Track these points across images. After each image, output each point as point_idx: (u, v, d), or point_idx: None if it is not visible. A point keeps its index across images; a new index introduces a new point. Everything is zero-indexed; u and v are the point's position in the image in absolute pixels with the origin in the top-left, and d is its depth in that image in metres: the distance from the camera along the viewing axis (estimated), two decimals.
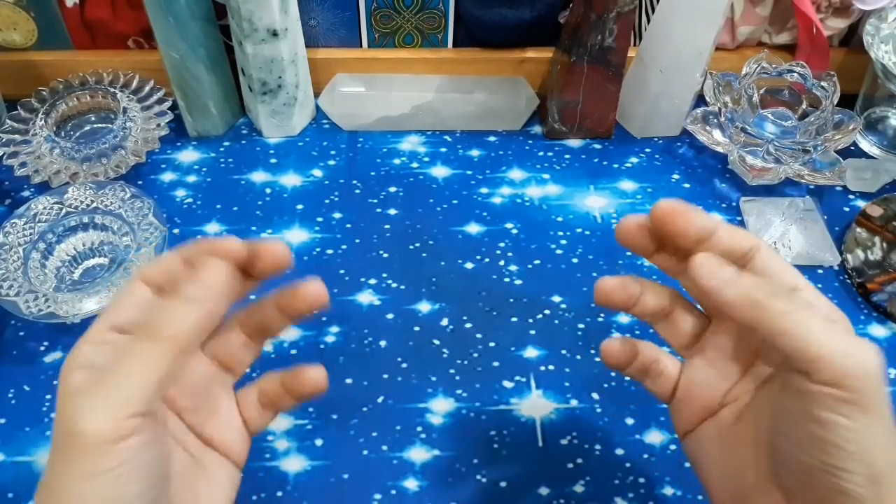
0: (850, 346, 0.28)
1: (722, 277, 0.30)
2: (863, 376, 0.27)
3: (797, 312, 0.28)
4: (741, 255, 0.31)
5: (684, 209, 0.31)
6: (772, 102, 0.59)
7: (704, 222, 0.31)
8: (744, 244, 0.31)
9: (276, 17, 0.54)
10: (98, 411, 0.26)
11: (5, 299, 0.46)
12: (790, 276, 0.31)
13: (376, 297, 0.51)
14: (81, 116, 0.58)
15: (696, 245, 0.31)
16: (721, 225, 0.32)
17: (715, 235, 0.31)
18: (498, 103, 0.62)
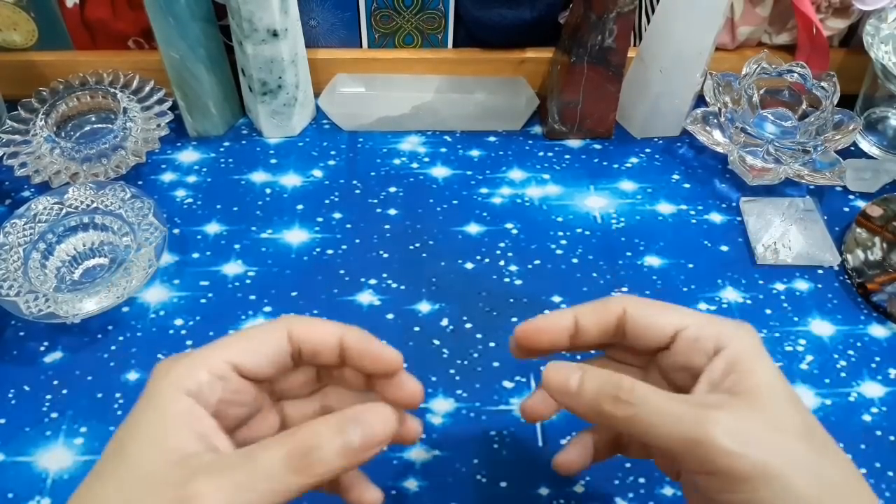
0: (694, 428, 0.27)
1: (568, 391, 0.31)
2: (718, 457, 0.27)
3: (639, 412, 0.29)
4: (614, 327, 0.33)
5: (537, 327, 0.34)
6: (772, 103, 0.59)
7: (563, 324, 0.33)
8: (608, 317, 0.33)
9: (276, 17, 0.54)
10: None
11: (5, 299, 0.46)
12: (664, 326, 0.32)
13: (376, 298, 0.51)
14: (82, 117, 0.59)
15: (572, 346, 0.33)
16: (578, 313, 0.33)
17: (580, 327, 0.33)
18: (498, 103, 0.62)
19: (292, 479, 0.26)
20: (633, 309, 0.32)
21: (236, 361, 0.30)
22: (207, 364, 0.29)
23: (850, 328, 0.50)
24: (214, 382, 0.29)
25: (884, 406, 0.46)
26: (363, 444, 0.27)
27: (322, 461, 0.27)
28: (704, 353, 0.31)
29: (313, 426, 0.28)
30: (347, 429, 0.27)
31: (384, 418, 0.28)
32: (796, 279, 0.53)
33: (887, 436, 0.45)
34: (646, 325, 0.32)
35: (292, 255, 0.53)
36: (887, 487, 0.43)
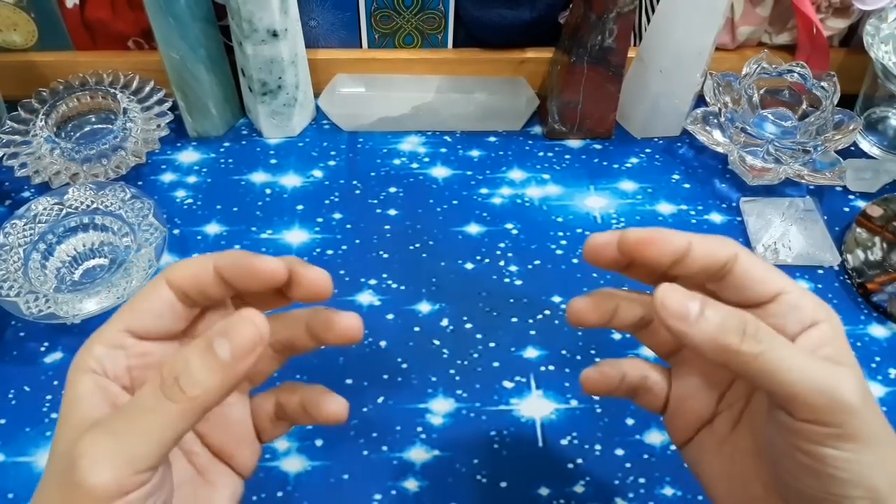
0: (826, 380, 0.27)
1: (686, 317, 0.29)
2: (842, 410, 0.27)
3: (769, 353, 0.28)
4: (719, 268, 0.31)
5: (651, 237, 0.31)
6: (772, 103, 0.59)
7: (675, 246, 0.30)
8: (719, 257, 0.30)
9: (276, 17, 0.54)
10: (107, 467, 0.25)
11: (5, 300, 0.46)
12: (771, 283, 0.30)
13: (376, 298, 0.51)
14: (82, 117, 0.59)
15: (671, 266, 0.31)
16: (694, 242, 0.31)
17: (689, 256, 0.31)
18: (498, 103, 0.62)
19: (170, 409, 0.25)
20: (746, 257, 0.31)
21: (128, 326, 0.29)
22: (100, 339, 0.28)
23: (850, 328, 0.50)
24: (113, 353, 0.28)
25: (884, 406, 0.46)
26: (235, 354, 0.26)
27: (195, 382, 0.26)
28: (800, 322, 0.30)
29: (181, 351, 0.27)
30: (214, 344, 0.26)
31: (249, 321, 0.27)
32: (796, 279, 0.53)
33: None
34: (756, 277, 0.30)
35: (292, 255, 0.53)
36: None
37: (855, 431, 0.27)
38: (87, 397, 0.27)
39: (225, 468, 0.32)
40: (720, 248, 0.31)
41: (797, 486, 0.29)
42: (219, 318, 0.32)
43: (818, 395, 0.27)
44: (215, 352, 0.26)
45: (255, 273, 0.29)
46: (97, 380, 0.28)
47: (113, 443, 0.25)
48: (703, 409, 0.33)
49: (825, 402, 0.27)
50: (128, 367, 0.29)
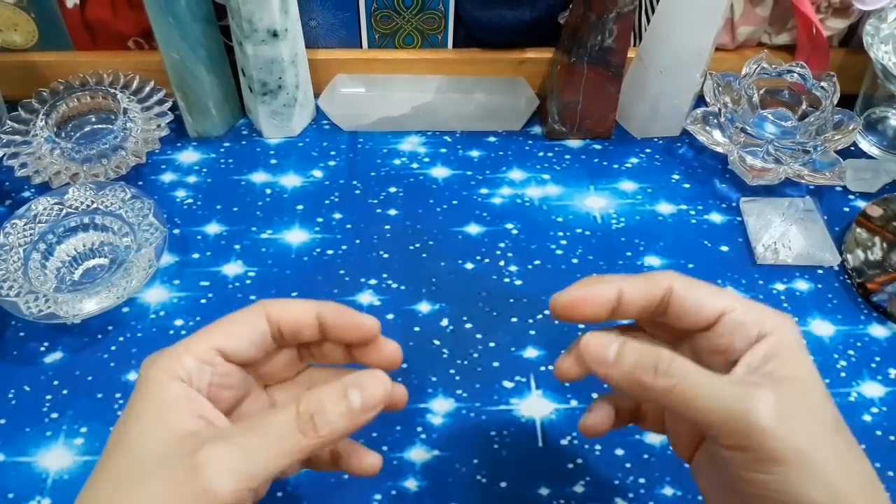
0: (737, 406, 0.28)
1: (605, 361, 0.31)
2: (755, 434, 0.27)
3: (680, 385, 0.29)
4: (658, 303, 0.32)
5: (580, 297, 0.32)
6: (772, 103, 0.59)
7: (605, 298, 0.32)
8: (653, 295, 0.32)
9: (276, 17, 0.54)
10: (232, 478, 0.27)
11: (6, 300, 0.46)
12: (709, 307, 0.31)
13: (376, 298, 0.51)
14: (82, 117, 0.59)
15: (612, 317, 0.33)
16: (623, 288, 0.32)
17: (623, 301, 0.32)
18: (498, 104, 0.62)
19: (300, 440, 0.28)
20: (680, 287, 0.32)
21: (220, 346, 0.31)
22: (193, 351, 0.30)
23: (850, 328, 0.50)
24: (202, 367, 0.30)
25: (884, 406, 0.46)
26: (364, 406, 0.29)
27: (328, 423, 0.28)
28: (747, 338, 0.30)
29: (317, 392, 0.29)
30: (349, 392, 0.29)
31: (380, 380, 0.30)
32: (796, 279, 0.53)
33: (887, 436, 0.45)
34: (692, 305, 0.32)
35: (292, 255, 0.53)
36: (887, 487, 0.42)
37: (774, 453, 0.27)
38: (178, 405, 0.29)
39: None
40: (652, 288, 0.32)
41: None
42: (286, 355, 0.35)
43: (731, 421, 0.28)
44: (349, 399, 0.29)
45: (358, 327, 0.33)
46: (186, 389, 0.30)
47: (241, 458, 0.27)
48: (693, 428, 0.34)
49: (737, 426, 0.28)
50: (210, 384, 0.31)
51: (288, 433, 0.28)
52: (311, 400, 0.29)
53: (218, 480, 0.26)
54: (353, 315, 0.33)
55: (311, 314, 0.32)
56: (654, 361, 0.30)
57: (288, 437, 0.28)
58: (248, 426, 0.29)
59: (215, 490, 0.26)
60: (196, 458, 0.27)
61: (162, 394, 0.29)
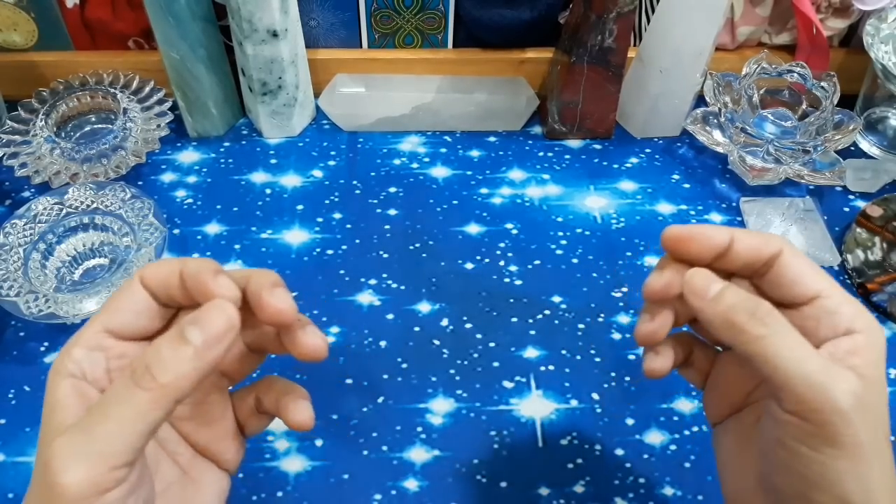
0: (822, 377, 0.27)
1: (704, 295, 0.30)
2: (828, 410, 0.27)
3: (771, 338, 0.28)
4: (761, 265, 0.31)
5: (691, 234, 0.32)
6: (772, 103, 0.59)
7: (716, 242, 0.31)
8: (762, 254, 0.31)
9: (276, 17, 0.54)
10: (80, 464, 0.24)
11: (6, 300, 0.46)
12: (809, 285, 0.30)
13: (376, 298, 0.51)
14: (82, 117, 0.59)
15: (714, 262, 0.32)
16: (736, 238, 0.31)
17: (732, 250, 0.31)
18: (498, 104, 0.62)
19: (142, 398, 0.25)
20: (789, 255, 0.31)
21: (106, 325, 0.29)
22: (79, 342, 0.28)
23: None
24: (92, 355, 0.28)
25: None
26: (207, 341, 0.26)
27: (167, 370, 0.26)
28: (833, 328, 0.30)
29: (153, 342, 0.27)
30: (186, 331, 0.26)
31: (220, 309, 0.27)
32: None
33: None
34: (793, 277, 0.31)
35: (292, 255, 0.53)
36: None
37: (836, 435, 0.27)
38: (65, 402, 0.27)
39: (210, 465, 0.32)
40: (763, 245, 0.31)
41: (773, 480, 0.29)
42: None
43: (808, 389, 0.27)
44: (187, 339, 0.26)
45: (207, 292, 0.28)
46: (75, 384, 0.27)
47: (85, 440, 0.25)
48: (734, 398, 0.34)
49: (813, 397, 0.27)
50: (107, 370, 0.29)
51: (128, 394, 0.25)
52: (145, 352, 0.26)
53: (65, 472, 0.24)
54: (207, 278, 0.28)
55: (175, 273, 0.29)
56: (753, 307, 0.29)
57: (129, 397, 0.25)
58: (93, 405, 0.26)
59: (65, 483, 0.24)
60: (44, 455, 0.25)
61: (51, 396, 0.27)
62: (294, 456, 0.43)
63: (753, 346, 0.29)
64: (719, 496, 0.33)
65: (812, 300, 0.30)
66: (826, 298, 0.30)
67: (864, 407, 0.27)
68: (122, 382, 0.26)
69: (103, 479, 0.25)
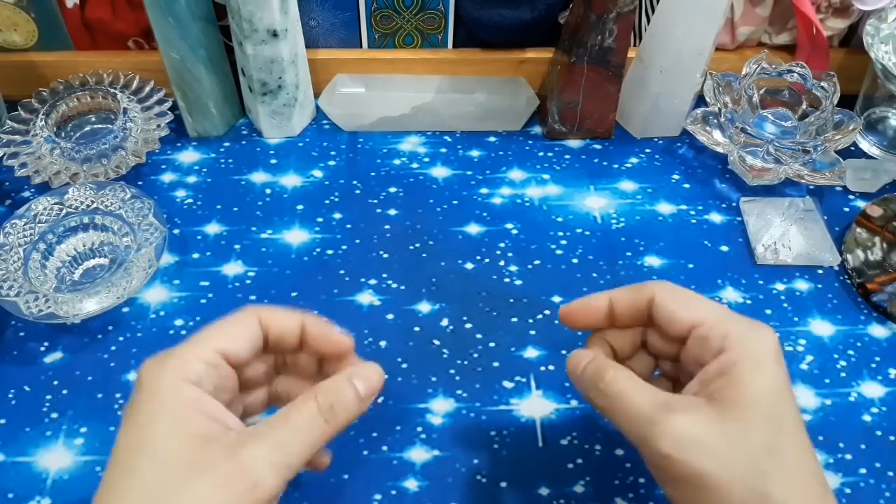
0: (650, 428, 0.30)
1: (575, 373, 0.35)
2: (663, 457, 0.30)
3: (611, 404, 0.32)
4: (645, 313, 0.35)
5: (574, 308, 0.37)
6: (772, 103, 0.59)
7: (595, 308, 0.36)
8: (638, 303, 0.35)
9: (276, 17, 0.54)
10: (278, 471, 0.29)
11: (5, 300, 0.46)
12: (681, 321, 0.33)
13: (376, 298, 0.51)
14: (82, 117, 0.59)
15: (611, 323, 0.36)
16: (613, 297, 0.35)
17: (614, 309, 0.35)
18: (498, 103, 0.62)
19: (324, 428, 0.31)
20: (660, 298, 0.34)
21: (223, 348, 0.32)
22: (200, 354, 0.32)
23: (850, 328, 0.50)
24: (209, 370, 0.32)
25: (884, 406, 0.46)
26: (367, 393, 0.33)
27: (345, 410, 0.32)
28: (710, 353, 0.32)
29: (328, 384, 0.32)
30: (354, 381, 0.33)
31: (377, 371, 0.34)
32: (796, 279, 0.53)
33: (887, 436, 0.45)
34: (667, 317, 0.34)
35: (292, 255, 0.53)
36: (887, 487, 0.43)
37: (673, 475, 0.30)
38: (194, 408, 0.30)
39: None
40: (636, 297, 0.35)
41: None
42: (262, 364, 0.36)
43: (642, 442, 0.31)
44: (355, 387, 0.33)
45: (335, 343, 0.35)
46: (199, 392, 0.31)
47: (277, 451, 0.30)
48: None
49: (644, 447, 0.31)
50: (215, 387, 0.32)
51: (313, 423, 0.31)
52: (327, 391, 0.32)
53: (263, 475, 0.29)
54: (331, 329, 0.35)
55: (297, 322, 0.35)
56: (597, 379, 0.33)
57: (314, 426, 0.31)
58: (275, 423, 0.31)
59: (264, 484, 0.29)
60: (240, 459, 0.29)
61: (178, 398, 0.30)
62: None
63: (604, 414, 0.33)
64: None
65: (691, 332, 0.33)
66: (699, 327, 0.33)
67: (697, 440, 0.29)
68: (310, 413, 0.31)
69: (282, 486, 0.30)
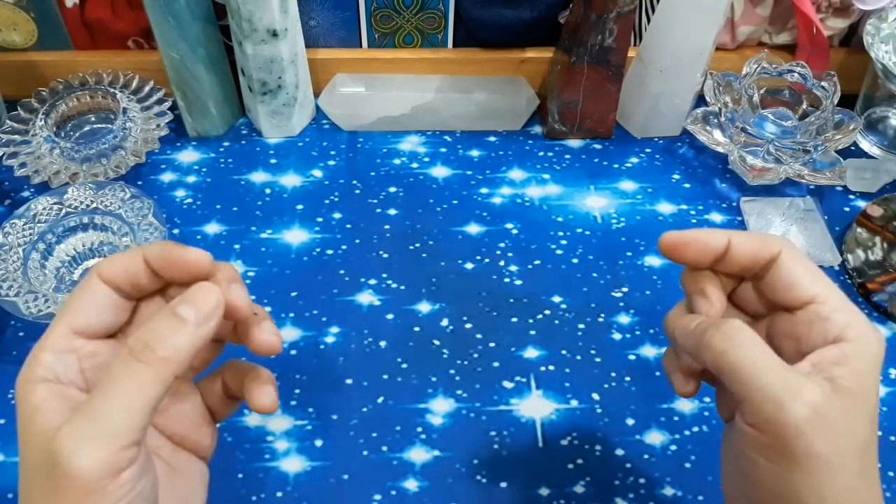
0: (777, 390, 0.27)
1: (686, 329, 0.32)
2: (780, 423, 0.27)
3: (734, 351, 0.29)
4: (761, 266, 0.32)
5: (687, 239, 0.32)
6: (772, 102, 0.59)
7: (713, 246, 0.32)
8: (760, 256, 0.31)
9: (276, 17, 0.54)
10: (90, 447, 0.24)
11: (5, 299, 0.46)
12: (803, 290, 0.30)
13: (376, 298, 0.51)
14: (81, 117, 0.58)
15: (713, 265, 0.32)
16: (734, 240, 0.32)
17: (729, 253, 0.32)
18: (498, 103, 0.62)
19: (145, 372, 0.26)
20: (787, 258, 0.31)
21: (71, 326, 0.29)
22: (46, 347, 0.28)
23: None
24: (64, 357, 0.28)
25: (884, 406, 0.46)
26: (199, 318, 0.27)
27: (166, 344, 0.26)
28: (823, 335, 0.30)
29: (148, 323, 0.27)
30: (178, 309, 0.27)
31: (207, 290, 0.28)
32: None
33: (887, 436, 0.45)
34: (790, 281, 0.31)
35: (292, 255, 0.53)
36: (887, 487, 0.43)
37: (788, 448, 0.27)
38: (45, 406, 0.27)
39: (189, 455, 0.33)
40: (760, 248, 0.31)
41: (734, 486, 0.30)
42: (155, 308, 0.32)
43: (764, 402, 0.28)
44: (181, 316, 0.27)
45: (182, 263, 0.29)
46: (52, 387, 0.27)
47: (93, 422, 0.25)
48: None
49: (768, 409, 0.27)
50: (81, 370, 0.29)
51: (129, 370, 0.26)
52: (141, 330, 0.27)
53: (77, 458, 0.24)
54: (177, 251, 0.30)
55: (138, 260, 0.30)
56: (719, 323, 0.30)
57: (131, 373, 0.26)
58: (93, 390, 0.26)
59: (80, 468, 0.24)
60: (51, 447, 0.24)
61: (26, 404, 0.27)
62: (294, 456, 0.43)
63: (719, 360, 0.29)
64: (719, 496, 0.33)
65: (806, 305, 0.30)
66: (820, 304, 0.30)
67: (822, 420, 0.27)
68: (120, 362, 0.26)
69: (116, 459, 0.25)
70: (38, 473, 0.25)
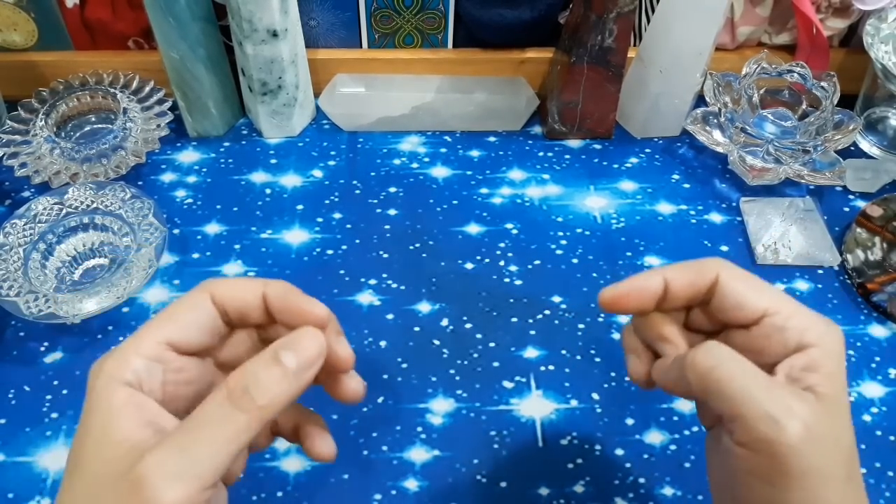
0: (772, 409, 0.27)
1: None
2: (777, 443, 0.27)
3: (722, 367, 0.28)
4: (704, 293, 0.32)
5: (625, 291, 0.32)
6: (772, 103, 0.59)
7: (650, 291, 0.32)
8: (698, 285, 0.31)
9: (276, 17, 0.54)
10: (176, 484, 0.25)
11: (5, 300, 0.46)
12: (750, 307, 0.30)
13: (376, 298, 0.51)
14: (82, 117, 0.59)
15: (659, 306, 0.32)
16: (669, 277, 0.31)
17: (669, 291, 0.32)
18: (498, 103, 0.62)
19: (239, 418, 0.26)
20: (726, 278, 0.31)
21: (169, 338, 0.28)
22: (139, 350, 0.28)
23: (850, 328, 0.50)
24: (152, 367, 0.28)
25: (884, 406, 0.46)
26: (300, 366, 0.27)
27: (263, 391, 0.26)
28: (784, 345, 0.30)
29: (246, 364, 0.27)
30: (280, 355, 0.27)
31: (312, 336, 0.28)
32: (796, 279, 0.53)
33: (887, 436, 0.45)
34: (736, 300, 0.31)
35: (292, 255, 0.53)
36: (887, 487, 0.43)
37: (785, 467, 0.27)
38: (123, 412, 0.26)
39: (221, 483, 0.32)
40: (697, 277, 0.31)
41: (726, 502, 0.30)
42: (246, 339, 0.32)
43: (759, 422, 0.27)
44: (282, 363, 0.27)
45: (303, 314, 0.29)
46: (133, 394, 0.27)
47: (181, 459, 0.25)
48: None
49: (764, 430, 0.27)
50: (163, 383, 0.28)
51: (225, 415, 0.26)
52: (241, 373, 0.27)
53: (163, 493, 0.24)
54: (300, 299, 0.30)
55: (257, 294, 0.30)
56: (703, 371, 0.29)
57: (227, 418, 0.26)
58: (184, 422, 0.26)
59: (164, 502, 0.24)
60: (135, 472, 0.24)
61: (108, 403, 0.26)
62: (294, 456, 0.43)
63: (706, 379, 0.29)
64: None
65: (759, 319, 0.30)
66: (773, 315, 0.30)
67: (813, 434, 0.27)
68: (217, 404, 0.26)
69: (197, 499, 0.25)
70: (115, 486, 0.25)
